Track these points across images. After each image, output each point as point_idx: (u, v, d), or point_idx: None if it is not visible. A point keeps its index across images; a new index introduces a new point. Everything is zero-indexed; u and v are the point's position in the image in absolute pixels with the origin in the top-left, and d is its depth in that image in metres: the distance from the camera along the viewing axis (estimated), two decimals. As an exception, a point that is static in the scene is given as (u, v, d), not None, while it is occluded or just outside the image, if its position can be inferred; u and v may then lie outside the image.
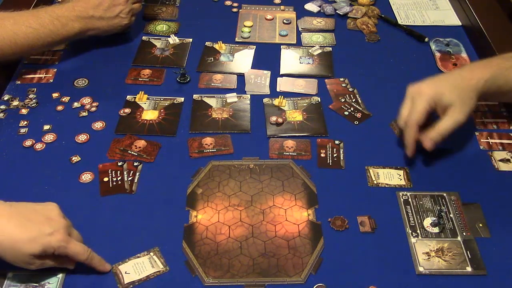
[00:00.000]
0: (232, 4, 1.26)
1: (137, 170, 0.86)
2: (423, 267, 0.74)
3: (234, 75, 1.06)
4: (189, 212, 0.81)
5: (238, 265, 0.74)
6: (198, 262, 0.74)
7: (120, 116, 0.96)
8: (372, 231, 0.78)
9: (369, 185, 0.85)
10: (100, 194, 0.83)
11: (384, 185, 0.85)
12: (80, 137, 0.91)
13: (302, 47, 1.13)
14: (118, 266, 0.73)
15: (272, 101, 1.00)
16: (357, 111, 0.95)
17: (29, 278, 0.71)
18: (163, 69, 1.07)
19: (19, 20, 0.97)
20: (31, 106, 0.97)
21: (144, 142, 0.91)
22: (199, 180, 0.85)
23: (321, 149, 0.91)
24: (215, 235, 0.78)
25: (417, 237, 0.78)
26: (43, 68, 1.06)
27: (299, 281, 0.72)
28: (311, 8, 1.25)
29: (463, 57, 1.11)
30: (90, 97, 0.99)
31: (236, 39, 1.15)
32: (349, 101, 0.87)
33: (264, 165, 0.88)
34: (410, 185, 0.85)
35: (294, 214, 0.81)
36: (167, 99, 1.00)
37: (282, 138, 0.93)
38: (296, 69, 1.08)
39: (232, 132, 0.94)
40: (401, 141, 0.91)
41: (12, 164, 0.87)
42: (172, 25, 1.19)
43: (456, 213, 0.81)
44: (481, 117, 0.97)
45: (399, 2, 1.28)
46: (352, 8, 1.24)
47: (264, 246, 0.77)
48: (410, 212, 0.81)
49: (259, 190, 0.84)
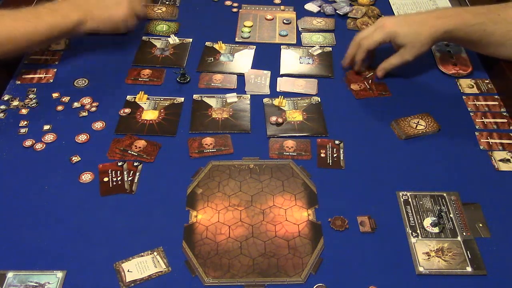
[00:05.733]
0: (232, 4, 1.26)
1: (137, 170, 0.86)
2: (423, 267, 0.74)
3: (234, 75, 1.06)
4: (189, 212, 0.81)
5: (238, 265, 0.74)
6: (198, 262, 0.74)
7: (120, 116, 0.96)
8: (372, 231, 0.78)
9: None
10: (100, 194, 0.83)
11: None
12: (80, 137, 0.91)
13: (302, 47, 1.13)
14: (121, 264, 0.73)
15: (272, 101, 1.00)
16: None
17: (29, 278, 0.71)
18: (163, 69, 1.07)
19: (18, 15, 0.97)
20: (31, 106, 0.97)
21: (144, 142, 0.91)
22: (199, 180, 0.85)
23: (321, 149, 0.91)
24: (215, 235, 0.78)
25: (417, 237, 0.78)
26: (43, 68, 1.06)
27: (299, 281, 0.72)
28: (311, 8, 1.25)
29: (463, 57, 1.11)
30: (90, 97, 0.99)
31: (236, 39, 1.15)
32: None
33: (264, 165, 0.88)
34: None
35: (294, 214, 0.81)
36: (167, 99, 1.00)
37: (282, 138, 0.93)
38: (296, 69, 1.08)
39: (232, 132, 0.94)
40: (400, 140, 0.91)
41: (12, 164, 0.87)
42: (172, 25, 1.19)
43: (456, 213, 0.81)
44: (481, 117, 0.98)
45: (399, 2, 1.28)
46: (352, 8, 1.24)
47: (264, 246, 0.77)
48: (410, 212, 0.81)
49: (259, 190, 0.84)
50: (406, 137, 0.93)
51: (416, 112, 0.97)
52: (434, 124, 0.95)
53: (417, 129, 0.94)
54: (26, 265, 0.73)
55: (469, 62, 1.09)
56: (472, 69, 1.08)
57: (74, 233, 0.78)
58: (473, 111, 0.99)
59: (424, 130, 0.94)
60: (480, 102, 1.01)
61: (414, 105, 0.99)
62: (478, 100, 1.01)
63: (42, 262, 0.74)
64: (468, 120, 0.97)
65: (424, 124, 0.95)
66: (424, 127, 0.94)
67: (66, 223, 0.79)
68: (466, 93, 1.03)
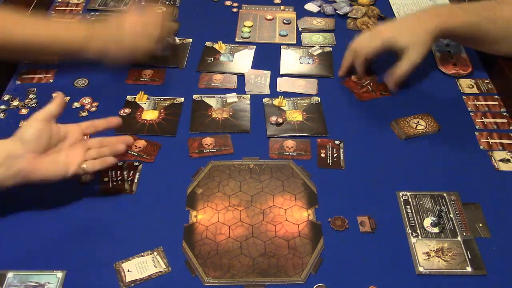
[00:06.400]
0: (232, 4, 1.26)
1: (137, 170, 0.86)
2: (423, 267, 0.74)
3: (234, 75, 1.06)
4: (189, 212, 0.81)
5: (238, 265, 0.74)
6: (198, 262, 0.74)
7: (120, 116, 0.96)
8: (372, 231, 0.78)
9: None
10: (101, 194, 0.83)
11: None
12: (80, 137, 0.91)
13: (302, 47, 1.13)
14: (121, 264, 0.73)
15: (272, 101, 1.00)
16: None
17: (29, 278, 0.71)
18: (164, 69, 1.07)
19: (22, 19, 0.95)
20: (31, 106, 0.98)
21: (144, 142, 0.91)
22: (199, 180, 0.85)
23: (321, 149, 0.91)
24: (215, 235, 0.78)
25: (417, 237, 0.78)
26: (43, 68, 1.06)
27: (299, 281, 0.72)
28: (311, 8, 1.25)
29: (463, 57, 1.11)
30: (90, 97, 0.99)
31: (236, 39, 1.15)
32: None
33: (264, 165, 0.88)
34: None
35: (294, 214, 0.81)
36: (167, 99, 1.00)
37: (282, 138, 0.93)
38: (296, 69, 1.08)
39: (232, 132, 0.94)
40: (399, 140, 0.91)
41: (12, 164, 0.87)
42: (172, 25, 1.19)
43: (456, 213, 0.81)
44: (481, 117, 0.97)
45: (399, 2, 1.28)
46: (352, 8, 1.24)
47: (264, 246, 0.77)
48: (410, 212, 0.81)
49: (259, 190, 0.84)
50: (406, 137, 0.93)
51: (416, 112, 0.97)
52: (434, 124, 0.95)
53: (417, 129, 0.94)
54: (26, 265, 0.73)
55: (469, 62, 1.09)
56: (472, 69, 1.08)
57: (74, 233, 0.78)
58: (473, 111, 0.99)
59: (424, 130, 0.94)
60: (480, 102, 1.01)
61: (414, 105, 0.99)
62: (478, 100, 1.01)
63: (42, 262, 0.74)
64: (468, 120, 0.97)
65: (424, 124, 0.95)
66: (424, 127, 0.94)
67: (66, 223, 0.79)
68: (466, 93, 1.03)
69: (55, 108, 0.78)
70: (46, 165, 0.75)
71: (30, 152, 0.74)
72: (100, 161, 0.79)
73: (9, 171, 0.72)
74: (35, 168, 0.74)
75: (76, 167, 0.77)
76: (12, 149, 0.74)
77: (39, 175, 0.75)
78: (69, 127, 0.80)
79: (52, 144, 0.76)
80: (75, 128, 0.80)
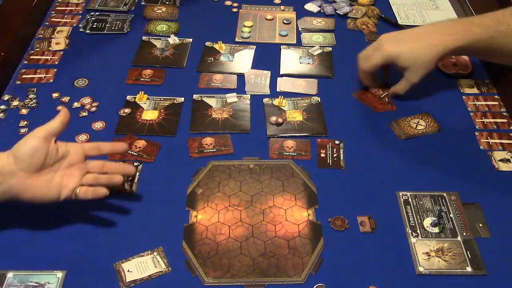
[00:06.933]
0: (232, 4, 1.26)
1: (137, 170, 0.86)
2: (423, 267, 0.74)
3: (234, 75, 1.06)
4: (189, 212, 0.81)
5: (238, 265, 0.74)
6: (198, 262, 0.74)
7: (120, 116, 0.96)
8: (372, 231, 0.78)
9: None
10: (100, 194, 0.83)
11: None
12: (80, 137, 0.91)
13: (302, 47, 1.13)
14: (121, 264, 0.73)
15: (272, 101, 1.00)
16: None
17: (29, 278, 0.71)
18: (164, 69, 1.07)
19: None
20: (31, 106, 0.97)
21: (144, 142, 0.91)
22: (199, 180, 0.85)
23: (321, 149, 0.91)
24: (215, 235, 0.78)
25: (417, 237, 0.78)
26: (43, 68, 1.06)
27: (299, 281, 0.72)
28: (311, 8, 1.25)
29: (463, 57, 1.10)
30: (90, 97, 0.99)
31: (236, 39, 1.15)
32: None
33: (264, 165, 0.88)
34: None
35: (294, 214, 0.81)
36: (167, 99, 1.00)
37: (282, 138, 0.93)
38: (296, 69, 1.08)
39: (232, 132, 0.94)
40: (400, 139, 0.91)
41: (12, 164, 0.87)
42: (172, 25, 1.19)
43: (456, 213, 0.81)
44: (481, 117, 0.97)
45: (399, 2, 1.28)
46: (352, 8, 1.24)
47: (264, 246, 0.77)
48: (410, 212, 0.81)
49: (259, 190, 0.84)
50: (406, 137, 0.93)
51: (416, 112, 0.97)
52: (434, 124, 0.95)
53: (417, 129, 0.94)
54: (26, 265, 0.73)
55: (469, 62, 1.09)
56: (472, 69, 1.08)
57: (74, 233, 0.78)
58: (473, 111, 0.99)
59: (424, 130, 0.94)
60: (480, 102, 1.01)
61: (414, 105, 0.99)
62: (478, 100, 1.01)
63: (42, 262, 0.74)
64: (468, 120, 0.97)
65: (424, 124, 0.95)
66: (424, 127, 0.94)
67: (66, 223, 0.79)
68: (466, 93, 1.03)
69: (57, 126, 0.73)
70: (39, 185, 0.71)
71: (23, 170, 0.70)
72: (93, 191, 0.74)
73: (0, 187, 0.69)
74: (26, 188, 0.71)
75: (69, 191, 0.73)
76: (4, 165, 0.70)
77: (30, 195, 0.71)
78: (70, 147, 0.75)
79: (48, 163, 0.72)
80: (77, 149, 0.76)
